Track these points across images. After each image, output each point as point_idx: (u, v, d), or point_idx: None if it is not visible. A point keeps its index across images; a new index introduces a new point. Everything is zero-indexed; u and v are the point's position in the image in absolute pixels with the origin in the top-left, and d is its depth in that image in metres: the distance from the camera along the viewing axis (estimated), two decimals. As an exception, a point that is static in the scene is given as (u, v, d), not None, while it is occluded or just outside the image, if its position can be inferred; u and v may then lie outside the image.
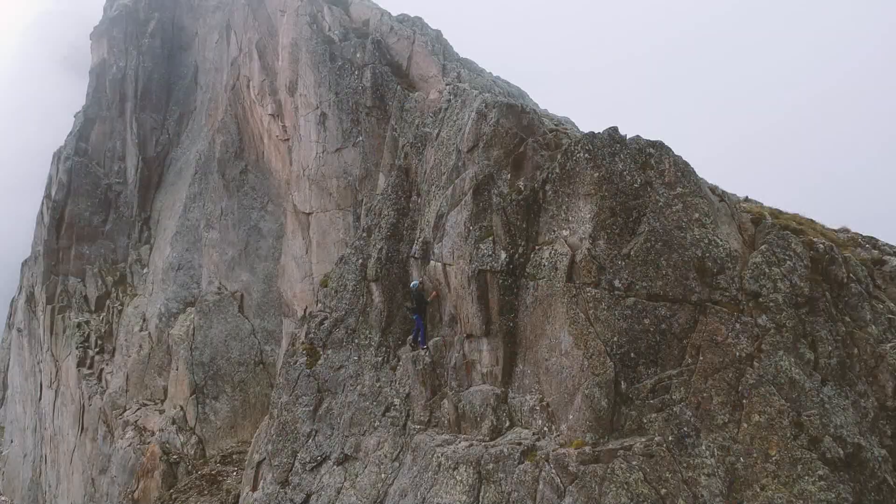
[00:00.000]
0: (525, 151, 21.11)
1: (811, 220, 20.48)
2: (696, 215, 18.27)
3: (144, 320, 48.39)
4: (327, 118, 34.96)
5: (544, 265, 19.58)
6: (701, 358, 17.28)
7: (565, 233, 19.46)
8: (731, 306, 17.52)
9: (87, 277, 53.90)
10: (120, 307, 51.58)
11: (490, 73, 41.73)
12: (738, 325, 17.23)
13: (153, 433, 43.21)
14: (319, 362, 25.31)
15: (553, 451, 18.12)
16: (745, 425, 16.58)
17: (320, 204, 35.44)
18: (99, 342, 51.31)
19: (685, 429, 16.89)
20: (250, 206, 44.35)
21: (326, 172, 34.92)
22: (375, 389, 23.95)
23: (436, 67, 32.18)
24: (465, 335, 21.40)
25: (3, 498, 58.49)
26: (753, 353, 17.03)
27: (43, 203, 58.11)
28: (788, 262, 17.72)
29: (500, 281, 20.36)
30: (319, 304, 26.82)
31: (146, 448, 42.30)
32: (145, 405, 45.65)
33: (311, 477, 24.00)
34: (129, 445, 43.44)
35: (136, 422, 44.79)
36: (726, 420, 16.76)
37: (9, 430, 63.46)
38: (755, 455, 16.33)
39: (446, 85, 28.44)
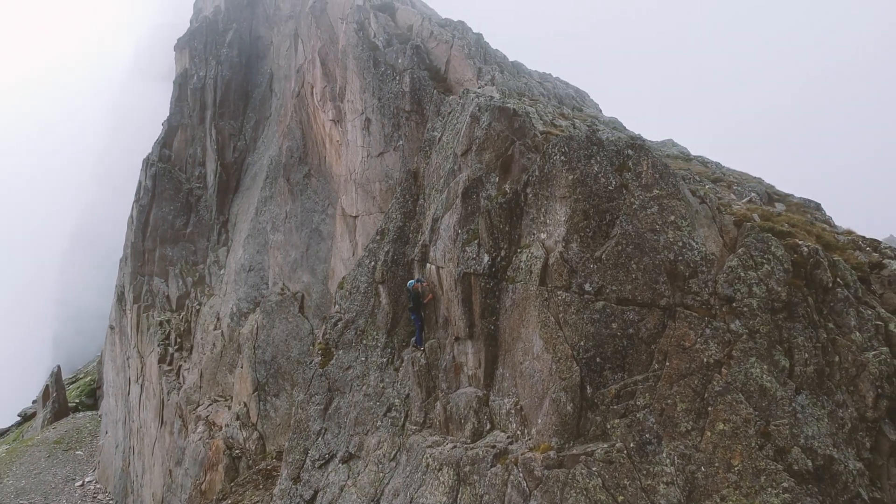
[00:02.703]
0: (513, 154, 20.95)
1: (809, 221, 19.57)
2: (672, 218, 17.72)
3: (218, 319, 50.28)
4: (371, 123, 35.51)
5: (521, 268, 19.39)
6: (667, 364, 16.77)
7: (543, 236, 19.22)
8: (702, 311, 16.92)
9: (169, 278, 56.41)
10: (198, 307, 53.76)
11: (546, 74, 41.48)
12: (707, 331, 16.62)
13: (221, 428, 44.95)
14: (331, 362, 25.76)
15: (522, 454, 17.95)
16: (709, 433, 16.00)
17: (365, 207, 36.00)
18: (178, 340, 53.66)
19: (647, 435, 16.42)
20: (312, 210, 45.51)
21: (370, 176, 35.47)
22: (379, 390, 24.23)
23: (471, 71, 32.34)
24: (454, 337, 21.45)
25: (98, 485, 61.69)
26: (723, 360, 16.39)
27: (133, 207, 61.19)
28: (766, 266, 16.99)
29: (483, 284, 20.26)
30: (336, 306, 27.34)
31: (212, 442, 44.04)
32: (216, 401, 47.48)
33: (320, 474, 24.48)
34: (200, 439, 45.23)
35: (207, 417, 46.63)
36: (689, 428, 16.22)
37: (104, 422, 66.90)
38: (717, 464, 15.74)
39: (479, 88, 28.59)
